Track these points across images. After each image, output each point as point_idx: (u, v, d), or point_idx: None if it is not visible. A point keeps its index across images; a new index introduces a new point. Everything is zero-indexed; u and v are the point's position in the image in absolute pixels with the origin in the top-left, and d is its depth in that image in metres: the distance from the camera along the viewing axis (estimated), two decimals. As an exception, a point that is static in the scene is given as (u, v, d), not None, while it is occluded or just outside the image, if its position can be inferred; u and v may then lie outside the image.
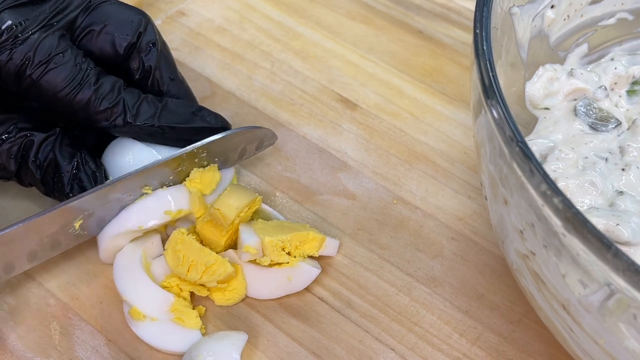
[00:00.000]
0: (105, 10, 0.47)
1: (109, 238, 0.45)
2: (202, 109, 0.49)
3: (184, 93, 0.49)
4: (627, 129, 0.45)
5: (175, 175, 0.46)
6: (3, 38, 0.42)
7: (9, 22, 0.42)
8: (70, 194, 0.45)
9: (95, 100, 0.44)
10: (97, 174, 0.46)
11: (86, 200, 0.44)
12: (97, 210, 0.45)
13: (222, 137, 0.48)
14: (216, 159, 0.48)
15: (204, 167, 0.47)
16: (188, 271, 0.44)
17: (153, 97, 0.47)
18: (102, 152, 0.48)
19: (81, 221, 0.44)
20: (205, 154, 0.47)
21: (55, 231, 0.44)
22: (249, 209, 0.46)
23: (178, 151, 0.46)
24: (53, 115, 0.47)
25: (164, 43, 0.50)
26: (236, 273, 0.45)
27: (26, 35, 0.43)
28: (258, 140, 0.51)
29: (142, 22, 0.48)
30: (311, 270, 0.45)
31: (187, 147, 0.46)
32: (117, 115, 0.45)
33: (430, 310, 0.45)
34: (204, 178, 0.47)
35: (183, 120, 0.47)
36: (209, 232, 0.45)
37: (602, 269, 0.29)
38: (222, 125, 0.48)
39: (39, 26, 0.44)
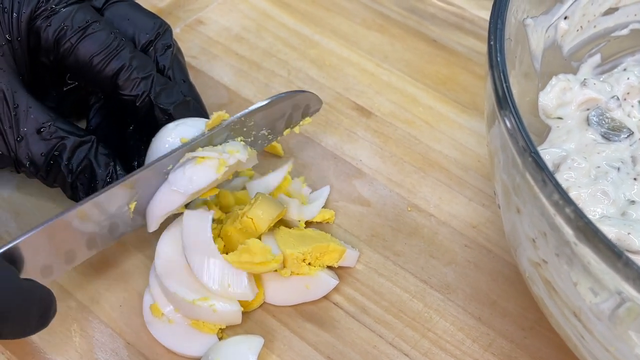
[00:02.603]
0: (128, 6, 0.50)
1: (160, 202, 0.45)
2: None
3: (195, 97, 0.50)
4: (639, 138, 0.46)
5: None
6: (42, 7, 0.45)
7: None
8: None
9: (129, 68, 0.46)
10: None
11: (143, 176, 0.44)
12: (150, 190, 0.45)
13: (267, 103, 0.48)
14: (263, 129, 0.48)
15: (251, 137, 0.48)
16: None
17: (181, 90, 0.48)
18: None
19: (135, 202, 0.45)
20: (252, 124, 0.47)
21: (112, 213, 0.44)
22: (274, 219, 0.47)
23: (225, 121, 0.46)
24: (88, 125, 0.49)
25: (179, 50, 0.51)
26: (256, 282, 0.45)
27: (62, 6, 0.46)
28: (304, 106, 0.51)
29: (163, 25, 0.50)
30: (329, 281, 0.46)
31: (233, 117, 0.47)
32: (145, 89, 0.47)
33: (444, 317, 0.46)
34: None
35: None
36: (236, 239, 0.46)
37: (613, 277, 0.30)
38: None
39: (72, 2, 0.47)
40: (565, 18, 0.47)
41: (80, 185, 0.46)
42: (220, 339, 0.45)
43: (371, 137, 0.55)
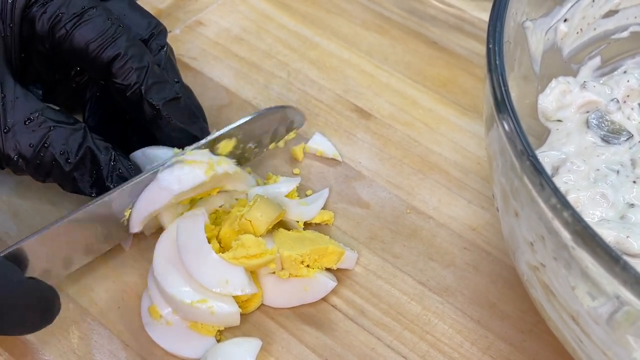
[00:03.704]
0: (127, 4, 0.50)
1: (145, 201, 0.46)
2: (203, 121, 0.50)
3: (190, 98, 0.50)
4: (639, 141, 0.46)
5: None
6: None
7: None
8: (112, 186, 0.45)
9: (124, 56, 0.46)
10: (132, 165, 0.47)
11: (136, 186, 0.45)
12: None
13: (255, 116, 0.49)
14: (250, 143, 0.50)
15: (239, 150, 0.49)
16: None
17: (176, 86, 0.48)
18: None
19: (130, 209, 0.45)
20: (240, 136, 0.49)
21: (108, 221, 0.45)
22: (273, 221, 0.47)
23: (214, 134, 0.48)
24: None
25: (172, 51, 0.51)
26: (253, 280, 0.45)
27: None
28: (288, 121, 0.52)
29: (158, 26, 0.50)
30: (327, 283, 0.46)
31: (223, 129, 0.48)
32: (137, 81, 0.46)
33: (442, 319, 0.46)
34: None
35: (183, 120, 0.48)
36: (233, 240, 0.46)
37: (611, 281, 0.30)
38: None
39: None
40: (565, 21, 0.47)
41: (80, 176, 0.45)
42: (218, 341, 0.45)
43: (370, 139, 0.55)
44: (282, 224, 0.48)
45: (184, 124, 0.48)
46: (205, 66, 0.60)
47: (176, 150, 0.47)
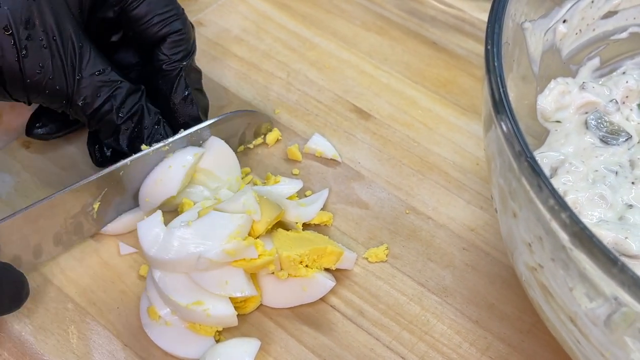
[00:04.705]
0: None
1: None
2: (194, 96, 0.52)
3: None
4: (638, 142, 0.46)
5: None
6: None
7: None
8: (148, 146, 0.49)
9: (181, 34, 0.51)
10: (169, 135, 0.50)
11: (103, 178, 0.47)
12: (113, 193, 0.48)
13: (222, 118, 0.51)
14: None
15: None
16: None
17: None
18: None
19: (99, 203, 0.47)
20: (208, 138, 0.51)
21: (77, 212, 0.47)
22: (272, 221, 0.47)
23: (183, 133, 0.50)
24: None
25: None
26: (252, 282, 0.45)
27: None
28: (255, 126, 0.54)
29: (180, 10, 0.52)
30: (326, 283, 0.46)
31: (189, 129, 0.50)
32: (182, 59, 0.51)
33: (441, 320, 0.46)
34: None
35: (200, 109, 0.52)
36: None
37: (609, 283, 0.30)
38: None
39: None
40: (564, 21, 0.47)
41: (125, 130, 0.49)
42: (217, 341, 0.45)
43: (370, 139, 0.55)
44: (281, 225, 0.48)
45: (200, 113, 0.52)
46: (205, 66, 0.60)
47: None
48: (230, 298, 0.44)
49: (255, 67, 0.60)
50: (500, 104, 0.35)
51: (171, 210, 0.50)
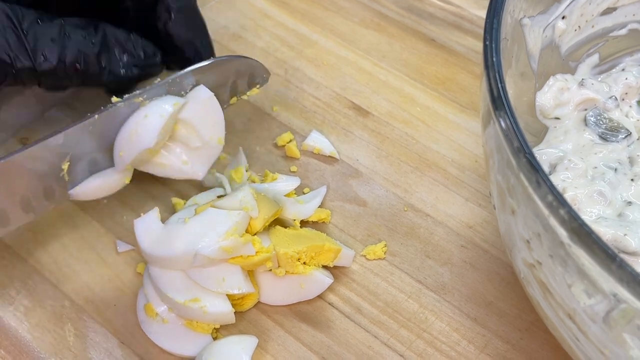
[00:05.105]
0: None
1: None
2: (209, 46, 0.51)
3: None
4: (637, 139, 0.45)
5: None
6: None
7: None
8: (140, 54, 0.47)
9: None
10: (151, 47, 0.48)
11: (69, 135, 0.44)
12: (83, 151, 0.45)
13: (206, 65, 0.48)
14: None
15: None
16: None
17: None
18: None
19: (68, 163, 0.44)
20: (193, 86, 0.48)
21: (44, 173, 0.44)
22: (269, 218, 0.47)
23: (167, 78, 0.47)
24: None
25: None
26: (249, 279, 0.45)
27: None
28: (248, 74, 0.50)
29: None
30: (323, 280, 0.46)
31: (173, 74, 0.47)
32: None
33: (439, 317, 0.46)
34: None
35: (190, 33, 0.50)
36: None
37: (607, 279, 0.30)
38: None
39: None
40: (563, 18, 0.47)
41: (107, 59, 0.47)
42: (214, 338, 0.44)
43: (368, 136, 0.55)
44: (278, 222, 0.48)
45: (191, 37, 0.49)
46: (203, 63, 0.60)
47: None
48: (227, 295, 0.44)
49: (253, 64, 0.60)
50: (498, 100, 0.35)
51: (146, 162, 0.48)
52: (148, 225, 0.44)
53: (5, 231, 0.45)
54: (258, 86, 0.52)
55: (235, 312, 0.44)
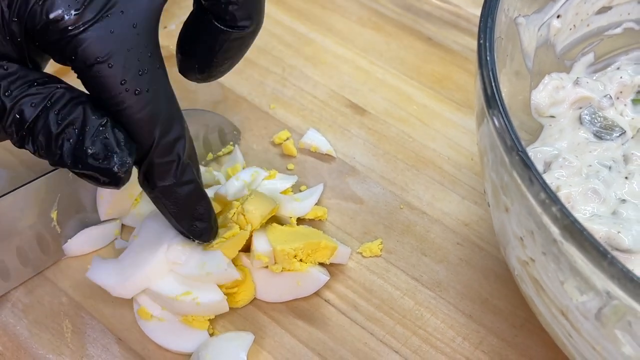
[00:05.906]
0: None
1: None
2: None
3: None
4: (632, 137, 0.46)
5: None
6: None
7: None
8: (90, 150, 0.36)
9: None
10: (125, 139, 0.37)
11: (52, 178, 0.44)
12: (69, 198, 0.46)
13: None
14: None
15: None
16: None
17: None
18: None
19: (56, 210, 0.45)
20: None
21: (34, 221, 0.45)
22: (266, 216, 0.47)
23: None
24: None
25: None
26: (245, 276, 0.46)
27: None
28: (218, 130, 0.51)
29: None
30: (319, 277, 0.46)
31: None
32: None
33: (435, 314, 0.46)
34: None
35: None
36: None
37: (599, 276, 0.30)
38: None
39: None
40: (558, 16, 0.47)
41: (67, 138, 0.37)
42: (211, 335, 0.45)
43: (365, 134, 0.55)
44: (275, 219, 0.48)
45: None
46: (201, 62, 0.60)
47: None
48: (219, 287, 0.44)
49: (250, 63, 0.60)
50: (492, 99, 0.35)
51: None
52: (101, 269, 0.45)
53: (8, 286, 0.46)
54: (232, 143, 0.53)
55: (231, 309, 0.45)
